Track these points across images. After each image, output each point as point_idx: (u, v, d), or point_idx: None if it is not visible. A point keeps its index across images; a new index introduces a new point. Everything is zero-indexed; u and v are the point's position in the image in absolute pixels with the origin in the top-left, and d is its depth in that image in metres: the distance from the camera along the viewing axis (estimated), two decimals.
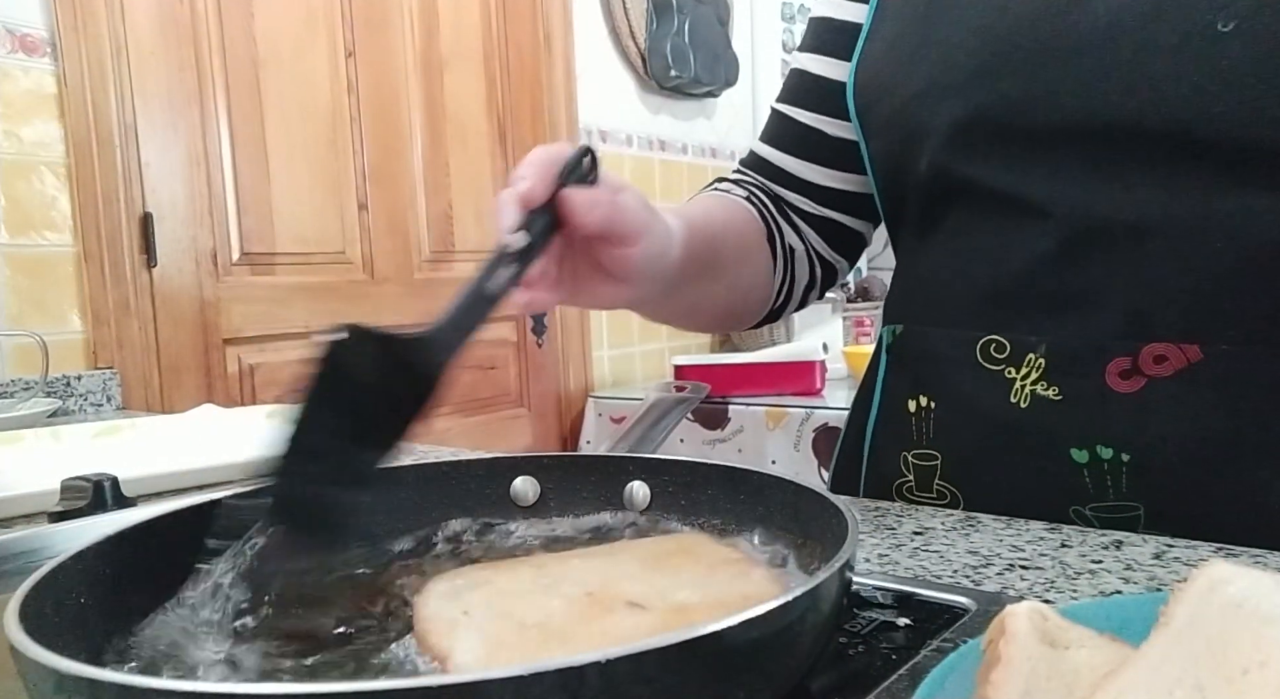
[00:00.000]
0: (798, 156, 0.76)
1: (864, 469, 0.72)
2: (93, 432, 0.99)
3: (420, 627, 0.36)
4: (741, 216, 0.73)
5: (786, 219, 0.76)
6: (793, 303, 0.80)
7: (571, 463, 0.53)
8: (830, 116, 0.73)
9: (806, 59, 0.75)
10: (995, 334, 0.60)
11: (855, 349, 2.37)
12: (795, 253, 0.76)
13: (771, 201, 0.76)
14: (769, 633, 0.28)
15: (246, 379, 1.78)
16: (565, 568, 0.42)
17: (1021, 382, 0.59)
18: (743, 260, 0.72)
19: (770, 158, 0.77)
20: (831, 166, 0.74)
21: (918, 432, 0.65)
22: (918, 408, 0.65)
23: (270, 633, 0.37)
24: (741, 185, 0.77)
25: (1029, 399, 0.58)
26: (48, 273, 1.49)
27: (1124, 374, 0.55)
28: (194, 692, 0.24)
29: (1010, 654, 0.26)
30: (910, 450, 0.66)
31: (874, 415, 0.71)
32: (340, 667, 0.35)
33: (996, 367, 0.60)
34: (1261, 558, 0.48)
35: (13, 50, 1.44)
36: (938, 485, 0.64)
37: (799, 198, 0.76)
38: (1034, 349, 0.58)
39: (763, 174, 0.78)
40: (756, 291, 0.75)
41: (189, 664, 0.35)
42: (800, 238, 0.77)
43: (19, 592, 0.31)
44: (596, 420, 2.35)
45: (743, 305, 0.76)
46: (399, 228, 2.04)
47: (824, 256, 0.79)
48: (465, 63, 2.17)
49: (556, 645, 0.34)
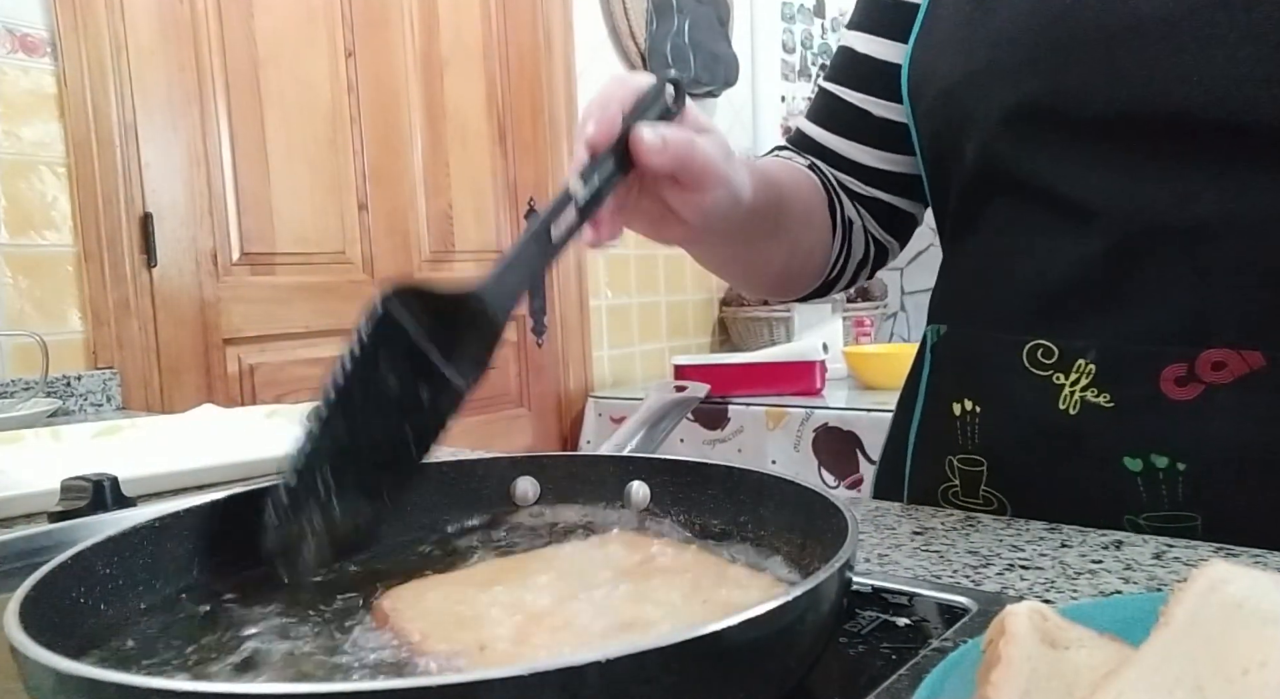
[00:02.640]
0: (844, 136, 0.73)
1: (908, 472, 0.70)
2: (93, 432, 0.99)
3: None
4: (806, 181, 0.71)
5: (845, 192, 0.74)
6: (845, 277, 0.77)
7: (571, 463, 0.53)
8: (876, 97, 0.70)
9: (855, 37, 0.72)
10: (1042, 338, 0.58)
11: (855, 349, 2.37)
12: (854, 226, 0.74)
13: (830, 174, 0.74)
14: (769, 633, 0.28)
15: (246, 379, 1.78)
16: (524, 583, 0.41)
17: (1070, 388, 0.56)
18: (806, 223, 0.70)
19: (816, 136, 0.75)
20: (878, 147, 0.72)
21: (963, 436, 0.63)
22: (963, 412, 0.63)
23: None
24: (802, 155, 0.75)
25: (1079, 406, 0.56)
26: (48, 273, 1.49)
27: (1180, 381, 0.53)
28: (194, 692, 0.24)
29: (1010, 654, 0.26)
30: (956, 455, 0.64)
31: (917, 418, 0.69)
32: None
33: (1044, 372, 0.58)
34: (1261, 558, 0.48)
35: (13, 50, 1.44)
36: (984, 491, 0.62)
37: (846, 177, 0.74)
38: (1084, 354, 0.56)
39: (810, 152, 0.75)
40: (815, 257, 0.73)
41: (190, 662, 0.35)
42: (858, 212, 0.75)
43: (19, 592, 0.31)
44: (596, 420, 2.35)
45: (800, 270, 0.73)
46: (399, 228, 2.04)
47: (876, 236, 0.76)
48: (465, 63, 2.17)
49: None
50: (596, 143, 0.45)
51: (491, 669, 0.24)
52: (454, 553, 0.48)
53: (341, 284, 1.94)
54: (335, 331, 1.91)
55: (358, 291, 1.96)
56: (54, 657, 0.26)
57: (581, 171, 0.44)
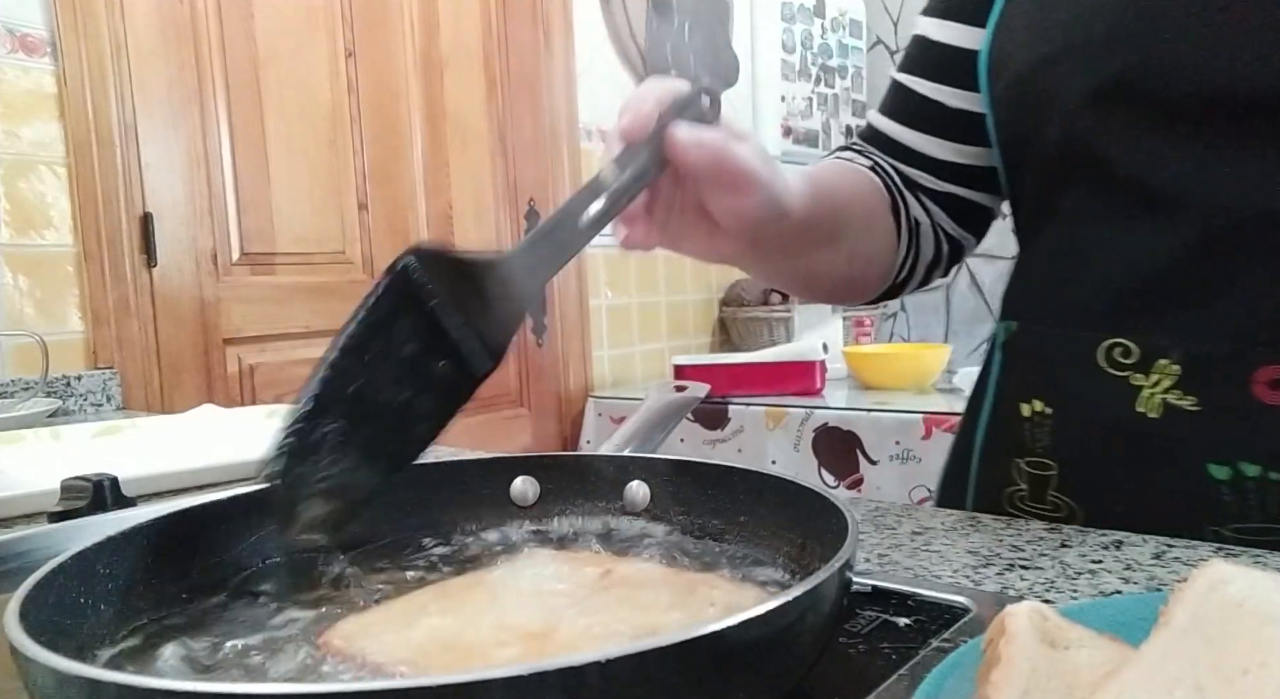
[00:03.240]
0: (917, 130, 0.70)
1: (973, 474, 0.68)
2: (93, 431, 0.99)
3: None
4: (865, 185, 0.68)
5: (911, 192, 0.71)
6: (915, 279, 0.74)
7: (571, 463, 0.53)
8: (952, 87, 0.67)
9: (929, 24, 0.69)
10: (1120, 336, 0.55)
11: (855, 349, 2.37)
12: (920, 227, 0.71)
13: (895, 173, 0.71)
14: (769, 633, 0.28)
15: (246, 379, 1.78)
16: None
17: (1151, 389, 0.53)
18: (866, 230, 0.67)
19: (888, 131, 0.72)
20: (954, 140, 0.69)
21: (1031, 438, 0.61)
22: (1032, 413, 0.60)
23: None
24: (865, 155, 0.72)
25: (1160, 408, 0.53)
26: (48, 273, 1.49)
27: (1274, 384, 0.50)
28: (194, 692, 0.24)
29: (1010, 654, 0.26)
30: (1023, 457, 0.61)
31: (985, 418, 0.66)
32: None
33: (1121, 372, 0.55)
34: (1261, 558, 0.48)
35: (13, 50, 1.44)
36: (1052, 497, 0.60)
37: (920, 173, 0.70)
38: (1166, 354, 0.53)
39: (880, 148, 0.72)
40: (878, 263, 0.70)
41: (188, 663, 0.35)
42: (925, 212, 0.71)
43: (19, 592, 0.31)
44: (596, 420, 2.35)
45: (862, 277, 0.70)
46: (399, 228, 2.04)
47: (949, 233, 0.73)
48: (465, 63, 2.17)
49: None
50: (631, 132, 0.44)
51: (491, 669, 0.24)
52: (457, 553, 0.48)
53: (341, 284, 1.93)
54: (335, 332, 1.90)
55: (358, 292, 1.93)
56: (54, 657, 0.26)
57: (616, 159, 0.44)
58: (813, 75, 3.03)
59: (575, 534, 0.50)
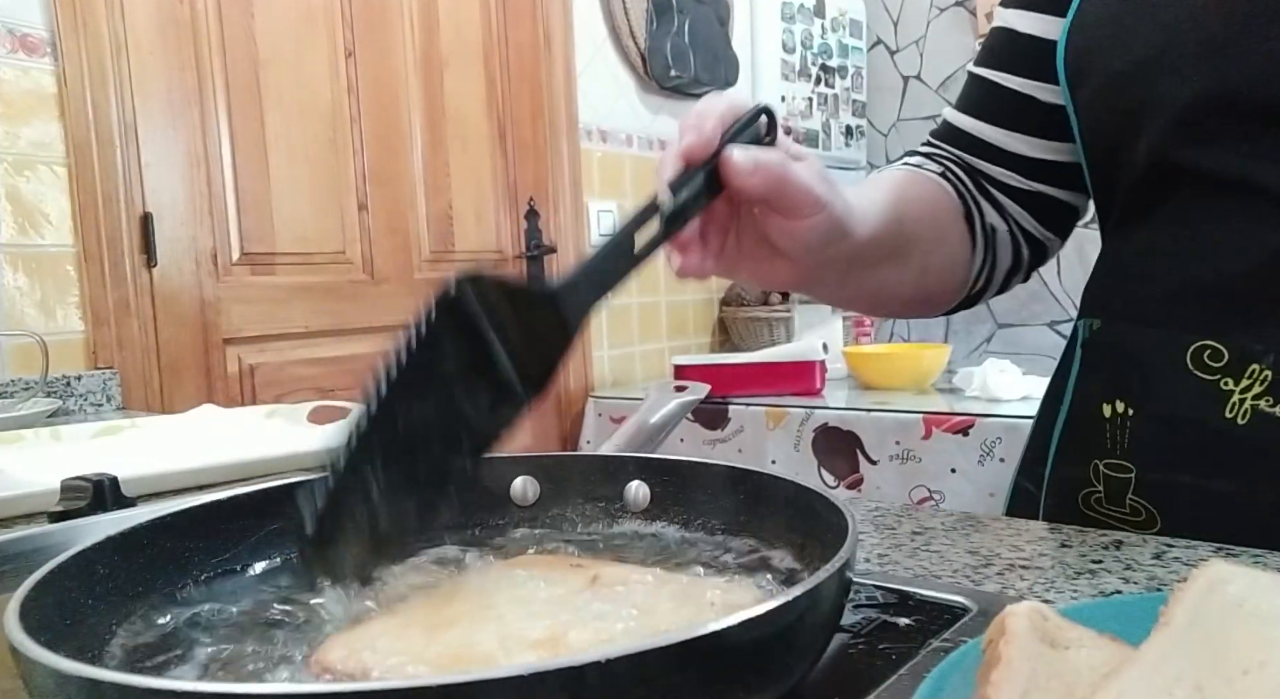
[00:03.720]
0: (1003, 126, 0.67)
1: (1048, 474, 0.66)
2: (93, 432, 0.99)
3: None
4: (935, 194, 0.66)
5: (986, 196, 0.69)
6: (993, 287, 0.71)
7: (571, 463, 0.53)
8: (1041, 81, 0.64)
9: (1011, 15, 0.67)
10: (1210, 339, 0.53)
11: (855, 349, 2.37)
12: (997, 233, 0.69)
13: (969, 176, 0.69)
14: (769, 633, 0.28)
15: (246, 379, 1.78)
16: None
17: (1241, 394, 0.52)
18: (936, 242, 0.65)
19: (969, 128, 0.69)
20: (1042, 136, 0.66)
21: (1112, 440, 0.59)
22: (1113, 414, 0.59)
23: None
24: (935, 160, 0.70)
25: (1248, 415, 0.52)
26: (48, 273, 1.49)
27: None
28: (194, 692, 0.24)
29: (1010, 654, 0.26)
30: (1102, 459, 0.60)
31: (1063, 416, 0.65)
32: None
33: (1210, 375, 0.53)
34: (1261, 558, 0.48)
35: (13, 50, 1.44)
36: (1131, 501, 0.59)
37: (1005, 172, 0.68)
38: (1260, 359, 0.51)
39: (959, 146, 0.70)
40: (952, 275, 0.68)
41: (189, 662, 0.35)
42: (1003, 216, 0.69)
43: (19, 592, 0.31)
44: (596, 420, 2.35)
45: (936, 290, 0.68)
46: (399, 228, 2.04)
47: (1032, 234, 0.70)
48: (465, 63, 2.17)
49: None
50: (693, 153, 0.43)
51: (492, 669, 0.24)
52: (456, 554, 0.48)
53: (341, 284, 1.93)
54: (335, 332, 1.91)
55: (358, 292, 1.96)
56: (54, 657, 0.26)
57: (671, 183, 0.43)
58: (813, 75, 3.03)
59: (575, 534, 0.50)
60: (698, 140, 0.43)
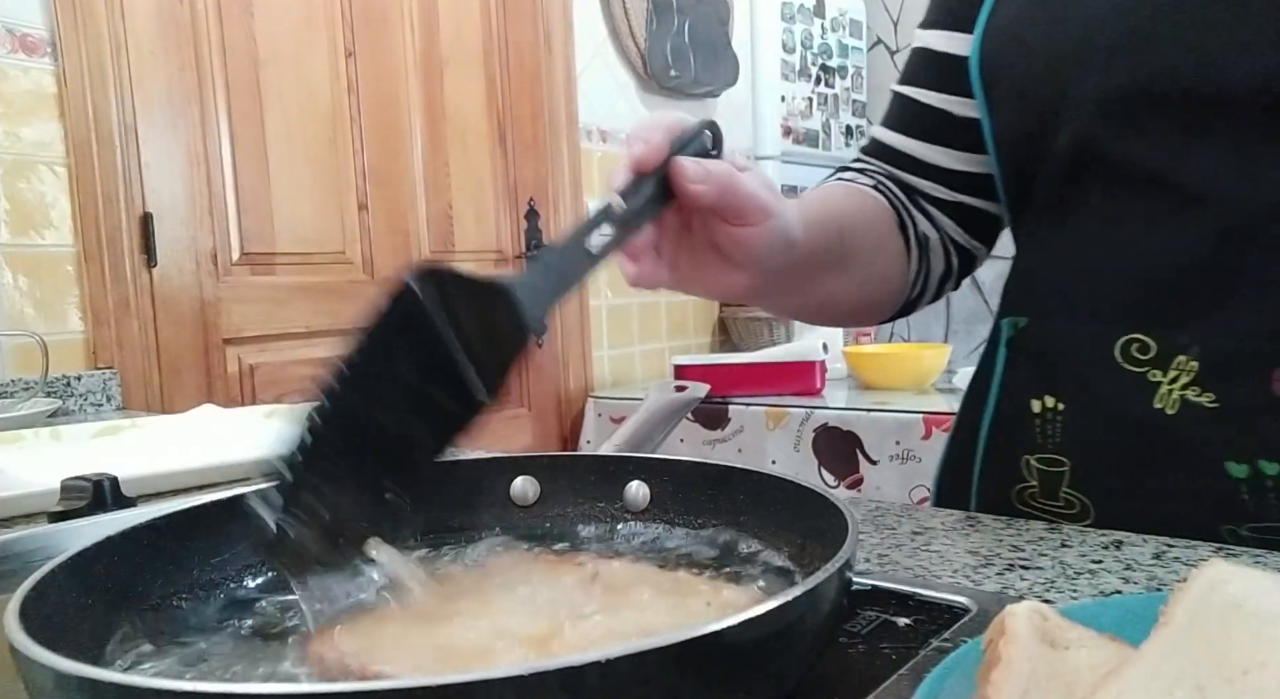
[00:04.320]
0: (924, 141, 0.70)
1: (976, 472, 0.67)
2: (93, 432, 0.99)
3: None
4: (871, 206, 0.68)
5: (918, 206, 0.71)
6: (928, 294, 0.74)
7: (572, 463, 0.53)
8: (958, 96, 0.67)
9: (928, 36, 0.70)
10: (1138, 332, 0.54)
11: (855, 349, 2.37)
12: (929, 242, 0.71)
13: (901, 189, 0.71)
14: (769, 633, 0.28)
15: (246, 379, 1.78)
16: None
17: (1169, 386, 0.53)
18: (875, 252, 0.67)
19: (894, 144, 0.72)
20: (960, 149, 0.69)
21: (1042, 434, 0.60)
22: (1043, 409, 0.60)
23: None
24: (867, 174, 0.72)
25: (1177, 405, 0.53)
26: (48, 273, 1.49)
27: None
28: (194, 692, 0.24)
29: (1010, 654, 0.26)
30: (1033, 454, 0.61)
31: (990, 415, 0.66)
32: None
33: (1139, 368, 0.54)
34: (1261, 558, 0.48)
35: (13, 50, 1.44)
36: (1065, 494, 0.60)
37: (929, 184, 0.70)
38: (1185, 351, 0.52)
39: (886, 161, 0.72)
40: (891, 284, 0.70)
41: (189, 663, 0.35)
42: (934, 226, 0.71)
43: (19, 592, 0.31)
44: (596, 420, 2.35)
45: (876, 298, 0.71)
46: (399, 228, 2.04)
47: (960, 244, 0.73)
48: (465, 63, 2.17)
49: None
50: (643, 162, 0.44)
51: (492, 669, 0.24)
52: (456, 553, 0.48)
53: (341, 284, 1.94)
54: (335, 331, 1.91)
55: (358, 291, 1.96)
56: (54, 657, 0.26)
57: (622, 189, 0.44)
58: (813, 75, 3.03)
59: (575, 534, 0.50)
60: (647, 150, 0.44)
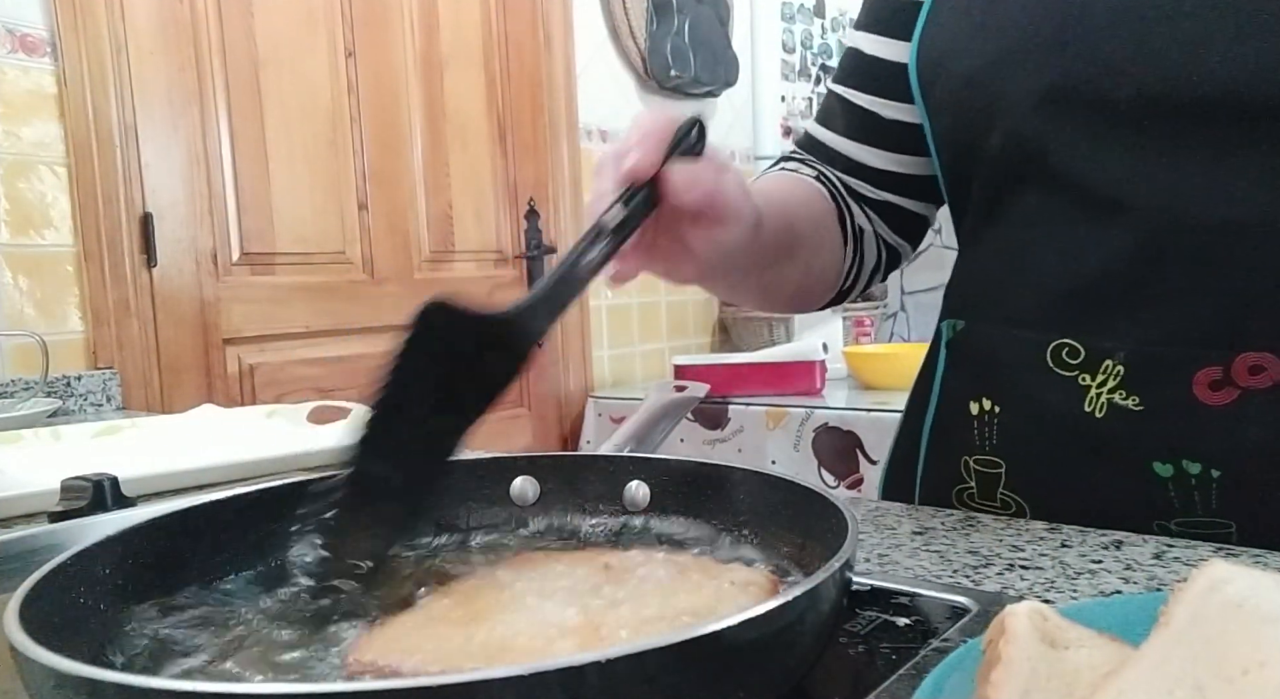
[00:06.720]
0: (853, 139, 0.72)
1: (919, 473, 0.69)
2: (93, 432, 0.99)
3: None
4: (815, 196, 0.70)
5: (854, 198, 0.73)
6: (860, 284, 0.75)
7: (571, 463, 0.53)
8: (886, 98, 0.69)
9: (862, 38, 0.71)
10: (1067, 337, 0.56)
11: (855, 349, 2.37)
12: (864, 234, 0.73)
13: (838, 182, 0.73)
14: (769, 633, 0.28)
15: (246, 379, 1.78)
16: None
17: (1097, 389, 0.55)
18: (818, 242, 0.69)
19: (825, 140, 0.74)
20: (889, 149, 0.70)
21: (980, 436, 0.61)
22: (980, 411, 0.61)
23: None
24: (808, 165, 0.74)
25: (1105, 408, 0.54)
26: (48, 273, 1.49)
27: (1214, 385, 0.51)
28: (194, 692, 0.24)
29: (1010, 654, 0.26)
30: (972, 456, 0.62)
31: (931, 416, 0.67)
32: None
33: (1069, 372, 0.56)
34: (1261, 558, 0.48)
35: (13, 50, 1.44)
36: (1002, 494, 0.61)
37: (856, 181, 0.72)
38: (1111, 355, 0.54)
39: (819, 156, 0.74)
40: (828, 273, 0.72)
41: (189, 663, 0.35)
42: (868, 219, 0.73)
43: (19, 592, 0.31)
44: (596, 420, 2.35)
45: (815, 287, 0.72)
46: (399, 228, 2.04)
47: (887, 240, 0.75)
48: (465, 63, 2.17)
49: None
50: (639, 173, 0.45)
51: (492, 669, 0.24)
52: (457, 554, 0.48)
53: (341, 284, 1.94)
54: (335, 331, 1.91)
55: (358, 291, 1.96)
56: (54, 657, 0.26)
57: (615, 202, 0.45)
58: (813, 75, 3.03)
59: (575, 534, 0.50)
60: (644, 161, 0.45)
